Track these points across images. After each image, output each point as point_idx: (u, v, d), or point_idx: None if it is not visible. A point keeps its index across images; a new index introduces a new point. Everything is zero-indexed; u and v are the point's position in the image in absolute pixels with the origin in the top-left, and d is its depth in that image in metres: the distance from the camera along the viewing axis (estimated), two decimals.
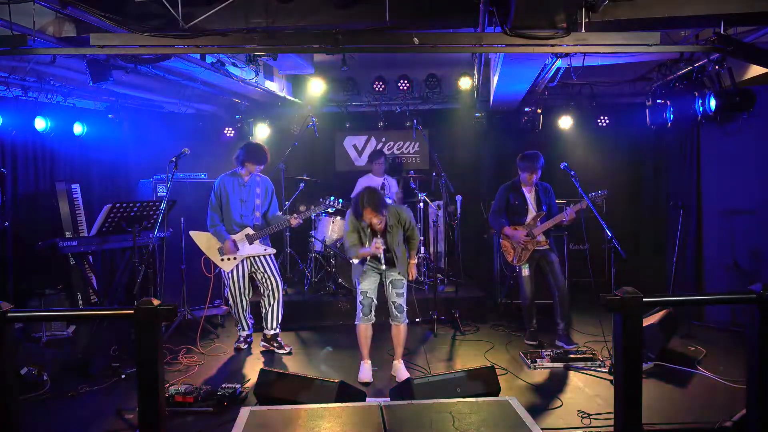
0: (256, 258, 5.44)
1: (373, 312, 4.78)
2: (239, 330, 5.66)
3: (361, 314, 4.78)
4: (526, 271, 5.47)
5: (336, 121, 8.22)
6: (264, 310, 5.50)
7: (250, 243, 5.38)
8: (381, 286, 4.86)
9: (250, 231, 5.37)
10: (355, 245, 4.72)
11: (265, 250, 5.45)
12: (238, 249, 5.34)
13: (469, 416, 3.61)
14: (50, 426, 3.97)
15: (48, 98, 5.65)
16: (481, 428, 3.47)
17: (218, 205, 5.39)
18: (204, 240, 5.41)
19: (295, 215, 5.40)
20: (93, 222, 5.81)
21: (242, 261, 5.40)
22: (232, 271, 5.37)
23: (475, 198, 7.74)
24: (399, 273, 4.79)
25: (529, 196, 5.57)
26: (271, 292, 5.47)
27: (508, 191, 5.63)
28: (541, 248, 5.45)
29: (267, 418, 3.63)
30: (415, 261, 4.96)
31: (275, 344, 5.50)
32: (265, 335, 5.53)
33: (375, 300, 4.80)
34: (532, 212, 5.55)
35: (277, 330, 5.52)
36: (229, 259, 5.36)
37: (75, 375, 4.74)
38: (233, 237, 5.33)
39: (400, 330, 4.80)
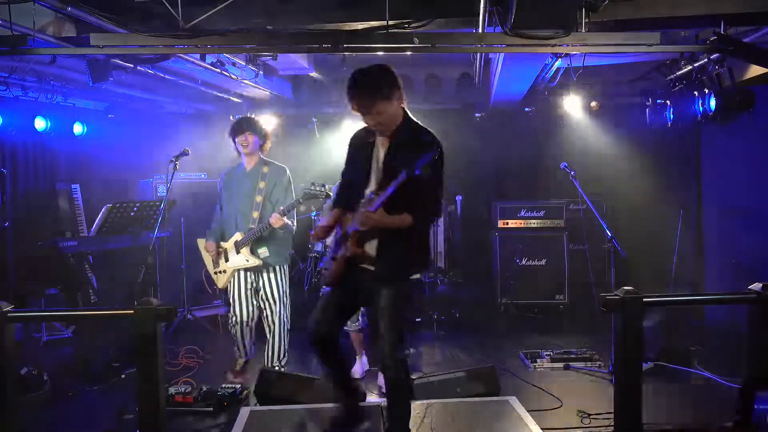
0: (258, 272, 4.50)
1: (359, 318, 4.54)
2: (236, 354, 4.68)
3: (348, 321, 4.41)
4: (330, 291, 3.18)
5: (336, 121, 8.20)
6: (267, 342, 4.58)
7: (237, 252, 4.44)
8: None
9: (239, 236, 4.44)
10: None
11: (247, 261, 4.41)
12: (221, 254, 4.52)
13: (469, 416, 3.61)
14: (50, 426, 3.97)
15: (48, 98, 5.64)
16: (482, 428, 3.47)
17: (220, 205, 4.66)
18: (203, 248, 4.71)
19: (276, 214, 4.29)
20: (93, 222, 5.81)
21: (241, 274, 4.50)
22: (232, 286, 4.53)
23: (475, 198, 7.73)
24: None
25: (381, 154, 3.05)
26: (266, 319, 4.53)
27: (350, 144, 3.26)
28: (361, 263, 3.02)
29: (267, 418, 3.63)
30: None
31: None
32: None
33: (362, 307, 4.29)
34: (372, 184, 3.04)
35: (278, 366, 4.53)
36: (220, 272, 4.55)
37: (75, 375, 4.74)
38: (225, 244, 4.51)
39: None
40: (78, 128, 6.15)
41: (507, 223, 6.84)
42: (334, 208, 3.22)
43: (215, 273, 4.60)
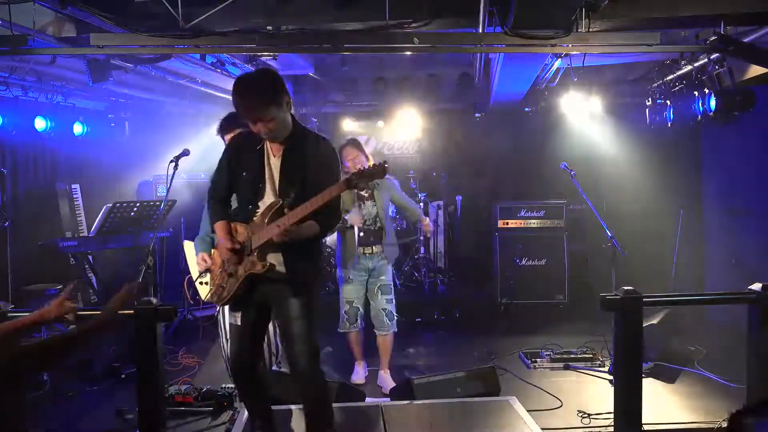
0: None
1: (359, 320, 4.50)
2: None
3: (348, 323, 4.48)
4: (237, 319, 2.98)
5: (336, 122, 8.21)
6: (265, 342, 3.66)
7: None
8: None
9: None
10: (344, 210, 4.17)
11: None
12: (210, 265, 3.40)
13: (469, 416, 3.61)
14: (50, 426, 3.97)
15: (48, 98, 5.64)
16: (482, 428, 3.47)
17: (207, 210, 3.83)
18: (192, 254, 3.93)
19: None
20: (93, 222, 5.81)
21: None
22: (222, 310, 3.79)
23: (475, 198, 7.74)
24: (385, 277, 4.44)
25: (274, 162, 2.93)
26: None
27: (233, 151, 3.06)
28: (265, 277, 2.86)
29: None
30: (427, 220, 5.06)
31: None
32: None
33: (361, 309, 4.49)
34: (269, 196, 2.91)
35: (277, 366, 3.99)
36: (206, 282, 3.62)
37: (75, 375, 4.73)
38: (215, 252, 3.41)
39: (387, 339, 4.52)
40: (78, 128, 6.15)
41: (507, 223, 6.84)
42: (218, 221, 3.02)
43: (200, 283, 3.84)
